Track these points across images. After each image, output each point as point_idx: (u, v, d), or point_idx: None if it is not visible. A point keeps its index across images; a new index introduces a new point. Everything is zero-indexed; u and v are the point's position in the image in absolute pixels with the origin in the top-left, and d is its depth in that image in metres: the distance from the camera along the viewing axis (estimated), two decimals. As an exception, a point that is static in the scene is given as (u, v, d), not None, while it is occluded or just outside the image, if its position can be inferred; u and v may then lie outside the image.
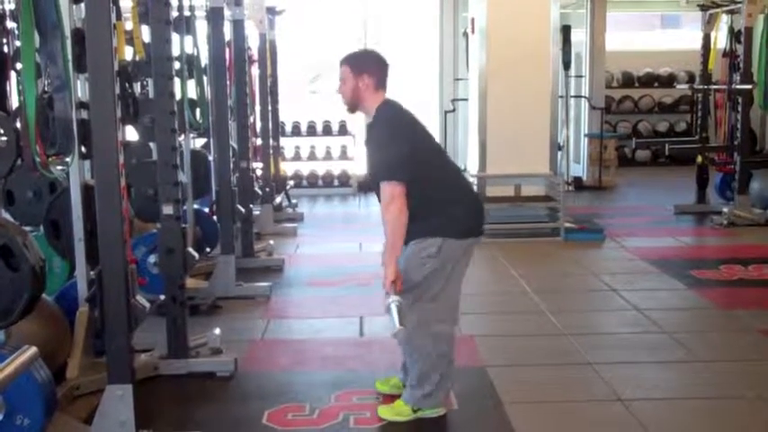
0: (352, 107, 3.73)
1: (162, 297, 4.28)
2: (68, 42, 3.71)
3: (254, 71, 8.64)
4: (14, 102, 4.85)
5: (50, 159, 3.87)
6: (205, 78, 6.39)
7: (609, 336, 5.06)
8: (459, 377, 4.11)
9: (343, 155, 11.52)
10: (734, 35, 8.71)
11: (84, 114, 3.84)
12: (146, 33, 4.90)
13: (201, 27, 6.44)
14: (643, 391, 4.04)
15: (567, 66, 10.16)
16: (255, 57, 8.63)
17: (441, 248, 3.54)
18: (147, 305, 3.80)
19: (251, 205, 7.02)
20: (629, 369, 4.37)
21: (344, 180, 11.49)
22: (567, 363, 4.47)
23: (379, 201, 3.56)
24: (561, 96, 9.46)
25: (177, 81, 4.68)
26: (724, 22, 9.10)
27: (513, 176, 7.94)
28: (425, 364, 3.66)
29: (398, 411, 3.71)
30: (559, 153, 9.01)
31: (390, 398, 3.86)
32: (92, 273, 3.87)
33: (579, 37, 11.56)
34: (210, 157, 6.51)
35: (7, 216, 4.55)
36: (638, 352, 4.65)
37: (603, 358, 4.49)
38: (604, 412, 3.83)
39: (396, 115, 3.67)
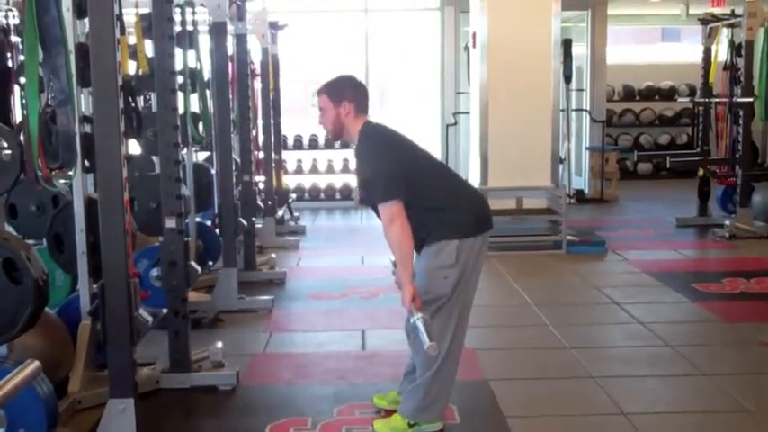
0: (336, 135, 3.70)
1: (164, 310, 4.28)
2: (72, 57, 3.73)
3: (257, 85, 8.67)
4: (18, 116, 4.89)
5: (53, 173, 3.89)
6: (208, 92, 6.42)
7: (611, 349, 5.05)
8: (460, 390, 4.10)
9: (345, 168, 11.54)
10: (734, 48, 8.74)
11: (88, 128, 3.86)
12: (149, 48, 4.93)
13: (204, 41, 6.46)
14: (646, 405, 4.03)
15: (568, 79, 10.18)
16: (258, 71, 8.65)
17: (458, 255, 3.50)
18: (150, 319, 3.81)
19: (253, 218, 7.02)
20: (631, 382, 4.36)
21: (346, 193, 11.51)
22: (569, 376, 4.46)
23: (378, 217, 3.54)
24: (562, 110, 9.47)
25: (180, 95, 4.69)
26: (724, 35, 9.13)
27: (514, 189, 7.94)
28: (429, 380, 3.61)
29: (394, 426, 3.68)
30: (561, 166, 9.01)
31: (390, 413, 3.85)
32: (94, 286, 3.87)
33: (580, 51, 11.60)
34: (213, 171, 6.53)
35: (10, 229, 4.57)
36: (640, 365, 4.64)
37: (606, 371, 4.48)
38: (607, 426, 3.81)
39: (378, 133, 3.64)
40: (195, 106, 6.24)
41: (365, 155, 3.61)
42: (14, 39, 5.35)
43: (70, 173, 3.87)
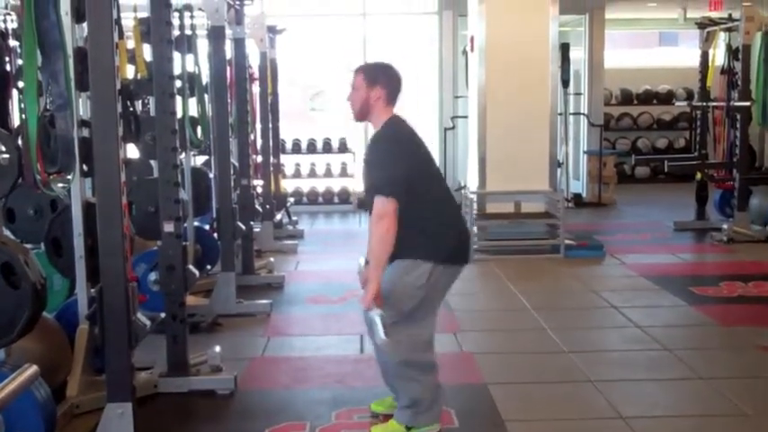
0: (360, 116, 3.72)
1: (162, 314, 4.28)
2: (71, 61, 3.73)
3: (255, 89, 8.67)
4: (16, 120, 4.89)
5: (51, 177, 3.89)
6: (206, 96, 6.42)
7: (610, 353, 5.05)
8: (459, 394, 4.12)
9: (343, 172, 11.56)
10: (732, 53, 8.76)
11: (86, 132, 3.86)
12: (148, 52, 4.93)
13: (203, 46, 6.47)
14: (644, 409, 4.03)
15: (565, 83, 10.21)
16: (256, 75, 8.66)
17: (430, 277, 3.53)
18: (148, 323, 3.80)
19: (251, 222, 7.02)
20: (630, 386, 4.37)
21: (344, 197, 11.51)
22: (567, 380, 4.46)
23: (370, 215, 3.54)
24: (560, 113, 9.50)
25: (179, 99, 4.70)
26: (722, 39, 9.14)
27: (512, 193, 7.95)
28: (416, 391, 3.63)
29: (392, 431, 3.69)
30: (559, 170, 9.03)
31: (388, 418, 3.84)
32: (92, 290, 3.87)
33: (578, 55, 11.62)
34: (211, 175, 6.53)
35: (8, 233, 4.56)
36: (638, 369, 4.64)
37: (604, 375, 4.48)
38: (605, 430, 3.81)
39: (401, 134, 3.67)
40: (194, 110, 6.25)
41: (383, 147, 3.62)
42: (13, 43, 5.36)
43: (68, 177, 3.87)
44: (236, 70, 7.05)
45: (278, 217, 9.18)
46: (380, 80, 3.64)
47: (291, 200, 10.62)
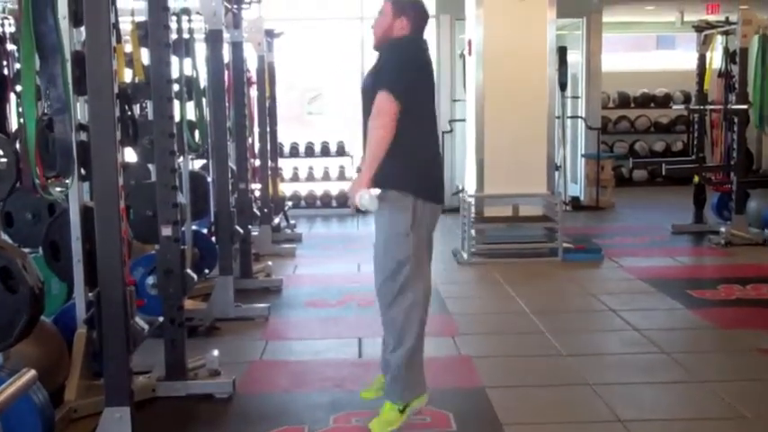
0: (380, 44, 3.75)
1: (160, 318, 4.28)
2: (68, 65, 3.73)
3: (253, 93, 8.67)
4: (14, 124, 4.89)
5: (50, 181, 3.89)
6: (204, 100, 6.42)
7: (608, 356, 5.05)
8: (457, 398, 4.11)
9: (341, 176, 11.55)
10: (729, 56, 8.78)
11: (84, 136, 3.86)
12: (145, 56, 4.93)
13: (200, 49, 6.47)
14: (643, 412, 4.03)
15: (563, 87, 10.23)
16: (254, 78, 8.67)
17: (414, 213, 3.59)
18: (146, 327, 3.80)
19: (249, 226, 7.02)
20: (628, 389, 4.36)
21: (342, 201, 11.51)
22: (566, 383, 4.46)
23: (366, 124, 3.58)
24: (558, 117, 9.52)
25: (176, 103, 4.70)
26: (719, 42, 9.16)
27: (510, 196, 7.95)
28: (401, 327, 3.66)
29: (388, 418, 3.69)
30: (557, 173, 9.05)
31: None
32: (90, 294, 3.87)
33: (575, 58, 11.64)
34: (209, 179, 6.53)
35: (6, 238, 4.56)
36: (637, 372, 4.64)
37: (603, 379, 4.48)
38: (604, 433, 3.82)
39: (418, 48, 3.72)
40: (191, 114, 6.25)
41: (397, 54, 3.63)
42: (11, 47, 5.36)
43: (67, 181, 3.87)
44: (233, 74, 7.05)
45: (276, 221, 9.18)
46: (407, 12, 3.69)
47: (289, 203, 10.61)
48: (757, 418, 3.92)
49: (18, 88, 4.26)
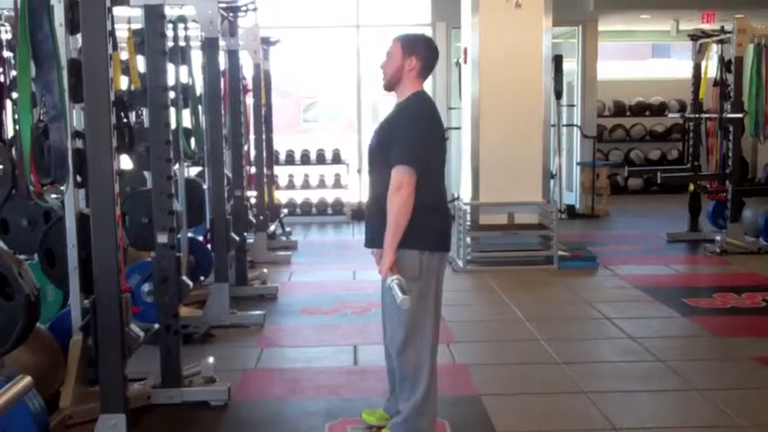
0: (390, 85, 3.71)
1: (156, 326, 4.27)
2: (65, 72, 3.73)
3: (249, 100, 8.68)
4: (10, 131, 4.89)
5: (45, 188, 3.89)
6: (200, 108, 6.43)
7: (603, 364, 5.06)
8: (452, 406, 4.11)
9: (337, 183, 11.58)
10: (724, 64, 8.81)
11: (80, 144, 3.86)
12: (141, 63, 4.94)
13: (197, 57, 6.48)
14: (638, 420, 4.03)
15: (558, 95, 10.24)
16: (250, 86, 8.68)
17: (420, 266, 3.53)
18: (141, 334, 3.80)
19: (245, 233, 7.02)
20: (624, 398, 4.37)
21: (338, 208, 11.52)
22: (561, 391, 4.46)
23: (372, 182, 3.60)
24: (553, 125, 9.52)
25: (172, 110, 4.70)
26: (714, 51, 9.19)
27: (506, 204, 7.97)
28: (414, 372, 3.58)
29: None
30: (552, 181, 9.06)
31: (379, 430, 3.83)
32: (86, 301, 3.87)
33: (571, 66, 11.68)
34: (205, 186, 6.53)
35: (2, 244, 4.55)
36: (632, 380, 4.65)
37: (598, 387, 4.49)
38: (599, 441, 3.82)
39: (429, 106, 3.69)
40: (187, 121, 6.25)
41: (409, 117, 3.60)
42: (7, 54, 5.37)
43: (62, 188, 3.87)
44: (229, 82, 7.06)
45: (271, 228, 9.19)
46: (417, 51, 3.64)
47: (285, 211, 10.62)
48: (752, 426, 3.93)
49: (14, 95, 4.26)
